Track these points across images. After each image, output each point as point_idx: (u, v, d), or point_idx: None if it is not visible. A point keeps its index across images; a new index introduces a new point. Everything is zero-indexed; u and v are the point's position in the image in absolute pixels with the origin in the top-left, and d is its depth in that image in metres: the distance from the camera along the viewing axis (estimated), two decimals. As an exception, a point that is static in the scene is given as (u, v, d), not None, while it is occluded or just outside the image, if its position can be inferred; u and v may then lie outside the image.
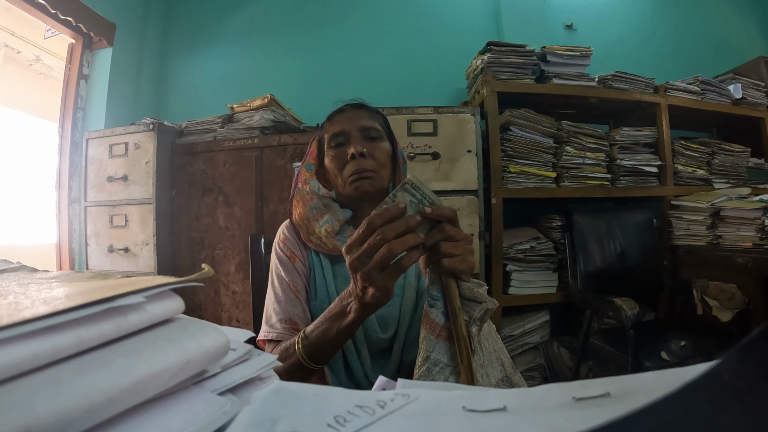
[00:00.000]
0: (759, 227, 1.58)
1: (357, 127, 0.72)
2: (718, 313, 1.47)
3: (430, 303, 0.53)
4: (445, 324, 0.52)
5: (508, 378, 0.56)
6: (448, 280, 0.51)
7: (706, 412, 0.13)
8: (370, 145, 0.71)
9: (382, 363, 0.71)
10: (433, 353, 0.52)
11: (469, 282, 0.51)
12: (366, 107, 0.78)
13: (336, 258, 0.72)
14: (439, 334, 0.52)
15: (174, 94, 2.50)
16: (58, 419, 0.17)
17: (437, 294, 0.53)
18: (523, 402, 0.21)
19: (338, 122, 0.74)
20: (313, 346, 0.59)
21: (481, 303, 0.51)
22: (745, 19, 2.69)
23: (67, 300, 0.21)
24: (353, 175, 0.69)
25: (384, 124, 0.77)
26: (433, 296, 0.53)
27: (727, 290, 1.47)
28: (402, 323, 0.71)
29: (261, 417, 0.20)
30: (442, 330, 0.52)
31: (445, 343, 0.52)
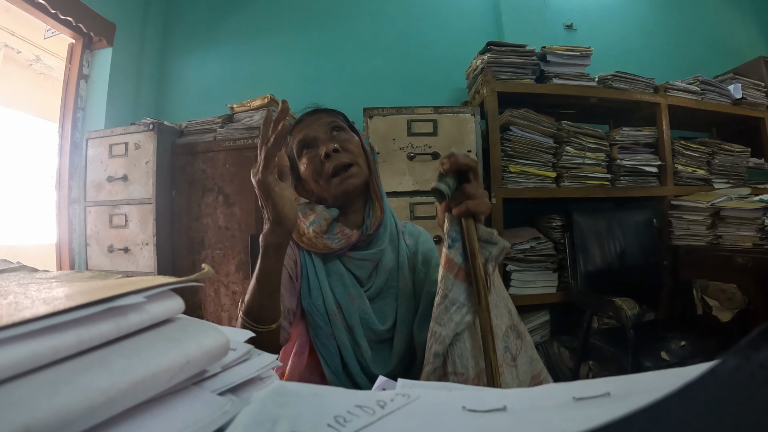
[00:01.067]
0: (759, 227, 1.58)
1: (322, 126, 0.73)
2: (718, 313, 1.47)
3: (449, 245, 0.57)
4: (462, 265, 0.56)
5: (515, 326, 0.60)
6: (468, 222, 0.56)
7: (706, 412, 0.13)
8: (340, 140, 0.72)
9: (383, 354, 0.71)
10: (451, 292, 0.55)
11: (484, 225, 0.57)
12: (322, 109, 0.78)
13: (327, 257, 0.72)
14: (457, 274, 0.56)
15: (174, 94, 2.50)
16: (58, 419, 0.17)
17: (456, 236, 0.57)
18: (523, 402, 0.21)
19: (300, 130, 0.75)
20: (247, 303, 0.61)
21: (497, 244, 0.56)
22: (745, 19, 2.69)
23: (67, 300, 0.21)
24: (336, 174, 0.70)
25: (344, 120, 0.78)
26: (453, 238, 0.57)
27: (727, 290, 1.47)
28: (400, 314, 0.72)
29: (261, 417, 0.20)
30: (460, 270, 0.56)
31: (463, 283, 0.56)
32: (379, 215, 0.73)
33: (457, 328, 0.54)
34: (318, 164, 0.71)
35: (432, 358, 0.55)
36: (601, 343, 1.53)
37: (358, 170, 0.71)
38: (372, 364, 0.70)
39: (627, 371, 1.18)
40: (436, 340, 0.55)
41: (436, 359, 0.54)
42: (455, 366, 0.54)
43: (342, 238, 0.71)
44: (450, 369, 0.55)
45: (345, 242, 0.70)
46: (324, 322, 0.70)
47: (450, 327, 0.54)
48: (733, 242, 1.65)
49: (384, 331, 0.71)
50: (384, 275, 0.73)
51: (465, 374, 0.54)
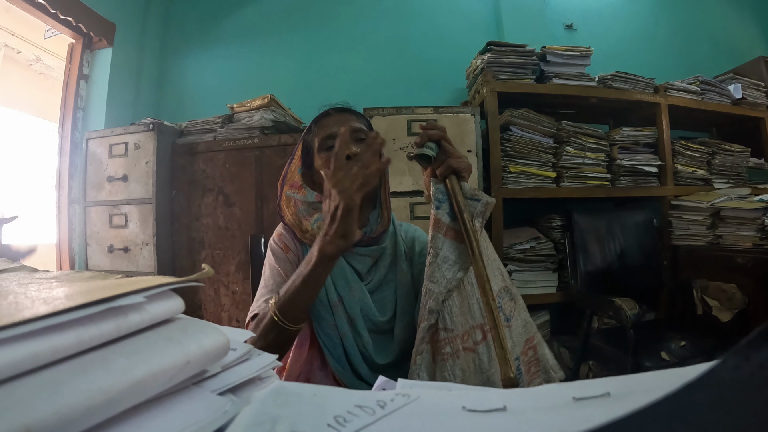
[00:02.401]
0: (759, 227, 1.58)
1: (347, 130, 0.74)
2: (718, 313, 1.47)
3: (436, 206, 0.60)
4: (450, 224, 0.59)
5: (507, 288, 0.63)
6: (452, 181, 0.60)
7: (706, 412, 0.13)
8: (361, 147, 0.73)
9: (383, 344, 0.74)
10: (441, 250, 0.58)
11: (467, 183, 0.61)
12: (351, 110, 0.80)
13: None
14: (446, 233, 0.59)
15: (174, 94, 2.50)
16: (58, 419, 0.17)
17: (442, 197, 0.60)
18: (523, 402, 0.21)
19: (327, 126, 0.77)
20: (284, 301, 0.62)
21: (481, 200, 0.60)
22: (745, 19, 2.69)
23: (67, 300, 0.21)
24: None
25: (368, 126, 0.80)
26: (439, 199, 0.60)
27: (727, 290, 1.47)
28: (399, 305, 0.75)
29: (261, 417, 0.20)
30: (449, 230, 0.59)
31: (453, 241, 0.59)
32: (385, 223, 0.76)
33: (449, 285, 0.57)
34: None
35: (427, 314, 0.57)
36: (601, 343, 1.53)
37: None
38: (374, 354, 0.72)
39: (627, 371, 1.19)
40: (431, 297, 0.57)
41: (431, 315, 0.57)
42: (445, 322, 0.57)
43: None
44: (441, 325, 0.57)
45: None
46: (327, 313, 0.72)
47: (443, 284, 0.57)
48: (733, 242, 1.65)
49: (384, 323, 0.74)
50: (383, 269, 0.76)
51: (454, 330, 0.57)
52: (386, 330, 0.75)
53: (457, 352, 0.57)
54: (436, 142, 0.62)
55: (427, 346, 0.58)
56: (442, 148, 0.61)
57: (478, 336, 0.58)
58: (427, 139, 0.61)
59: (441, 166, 0.61)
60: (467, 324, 0.57)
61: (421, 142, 0.61)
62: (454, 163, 0.60)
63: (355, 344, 0.72)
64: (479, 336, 0.58)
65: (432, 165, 0.62)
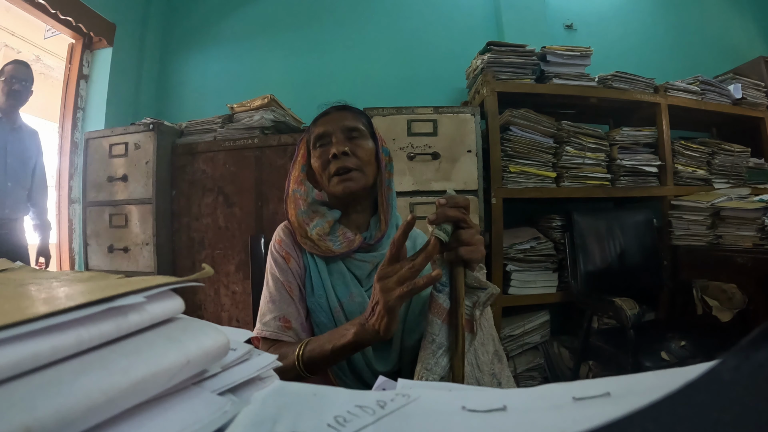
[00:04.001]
0: (759, 227, 1.58)
1: (340, 128, 0.75)
2: (718, 313, 1.47)
3: (438, 288, 0.57)
4: (449, 309, 0.56)
5: (497, 351, 0.62)
6: (457, 269, 0.56)
7: (706, 412, 0.13)
8: (353, 144, 0.74)
9: (383, 352, 0.73)
10: (438, 337, 0.56)
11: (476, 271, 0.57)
12: (349, 108, 0.80)
13: (330, 258, 0.74)
14: (444, 319, 0.56)
15: (174, 94, 2.50)
16: (58, 419, 0.17)
17: (445, 280, 0.57)
18: (523, 402, 0.21)
19: (322, 124, 0.77)
20: (310, 357, 0.62)
21: (486, 290, 0.56)
22: (745, 19, 2.69)
23: (67, 300, 0.21)
24: (337, 174, 0.72)
25: (367, 124, 0.79)
26: (442, 283, 0.57)
27: (727, 290, 1.47)
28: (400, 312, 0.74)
29: (261, 417, 0.20)
30: (447, 315, 0.56)
31: (450, 327, 0.56)
32: (383, 228, 0.75)
33: (443, 372, 0.55)
34: (325, 161, 0.73)
35: None
36: (601, 343, 1.53)
37: (358, 176, 0.73)
38: (373, 361, 0.72)
39: (627, 371, 1.18)
40: None
41: None
42: None
43: (344, 242, 0.73)
44: None
45: (346, 247, 0.73)
46: (328, 319, 0.72)
47: (436, 372, 0.55)
48: (733, 242, 1.65)
49: None
50: None
51: None
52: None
53: None
54: (455, 223, 0.55)
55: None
56: (456, 233, 0.55)
57: None
58: (444, 218, 0.54)
59: (450, 253, 0.55)
60: None
61: (437, 221, 0.54)
62: (465, 254, 0.54)
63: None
64: None
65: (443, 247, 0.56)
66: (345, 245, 0.72)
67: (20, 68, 1.82)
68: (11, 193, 1.83)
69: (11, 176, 1.82)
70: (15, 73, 1.80)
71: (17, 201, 1.86)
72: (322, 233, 0.72)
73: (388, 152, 0.80)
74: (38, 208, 1.97)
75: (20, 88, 1.80)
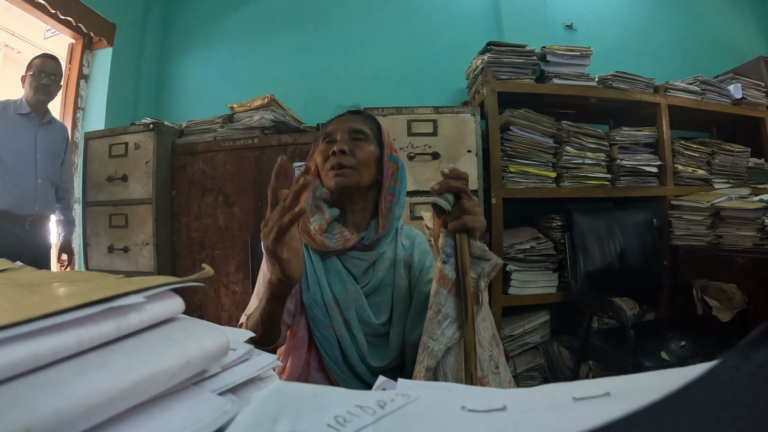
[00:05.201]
0: (759, 227, 1.58)
1: (346, 129, 0.78)
2: (718, 313, 1.47)
3: (443, 260, 0.58)
4: (455, 280, 0.57)
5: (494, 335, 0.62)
6: (461, 239, 0.57)
7: (707, 412, 0.13)
8: (354, 145, 0.76)
9: (379, 348, 0.74)
10: (444, 307, 0.56)
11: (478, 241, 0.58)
12: (361, 113, 0.84)
13: (325, 254, 0.75)
14: (450, 289, 0.57)
15: (174, 94, 2.50)
16: (58, 419, 0.17)
17: (450, 251, 0.58)
18: (523, 402, 0.21)
19: (332, 124, 0.81)
20: (251, 327, 0.65)
21: (489, 260, 0.58)
22: (745, 19, 2.69)
23: (67, 300, 0.21)
24: (332, 169, 0.75)
25: (375, 130, 0.82)
26: (447, 254, 0.58)
27: (727, 290, 1.47)
28: (396, 310, 0.76)
29: (261, 417, 0.20)
30: (453, 285, 0.57)
31: (456, 298, 0.57)
32: (380, 232, 0.76)
33: (449, 343, 0.55)
34: (326, 156, 0.77)
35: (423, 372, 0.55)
36: (601, 343, 1.53)
37: (351, 173, 0.74)
38: (369, 357, 0.72)
39: (627, 371, 1.18)
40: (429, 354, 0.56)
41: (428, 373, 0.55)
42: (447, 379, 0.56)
43: (340, 240, 0.74)
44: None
45: (342, 244, 0.74)
46: (323, 315, 0.73)
47: (442, 341, 0.55)
48: (733, 242, 1.65)
49: (379, 326, 0.74)
50: (381, 273, 0.77)
51: None
52: (382, 333, 0.75)
53: None
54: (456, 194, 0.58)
55: None
56: (459, 203, 0.57)
57: None
58: (447, 188, 0.57)
59: (454, 222, 0.57)
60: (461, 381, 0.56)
61: (440, 191, 0.57)
62: (469, 221, 0.57)
63: (352, 345, 0.72)
64: None
65: (446, 217, 0.58)
66: (341, 243, 0.74)
67: (49, 62, 1.77)
68: (41, 190, 1.77)
69: (41, 172, 1.76)
70: (43, 67, 1.74)
71: (47, 198, 1.81)
72: (319, 228, 0.74)
73: (397, 161, 0.81)
74: (64, 203, 1.93)
75: (49, 83, 1.75)
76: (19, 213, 1.70)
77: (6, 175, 1.67)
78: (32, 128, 1.76)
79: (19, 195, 1.69)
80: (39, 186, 1.75)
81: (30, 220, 1.73)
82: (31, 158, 1.74)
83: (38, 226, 1.79)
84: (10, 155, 1.68)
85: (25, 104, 1.75)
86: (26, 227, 1.73)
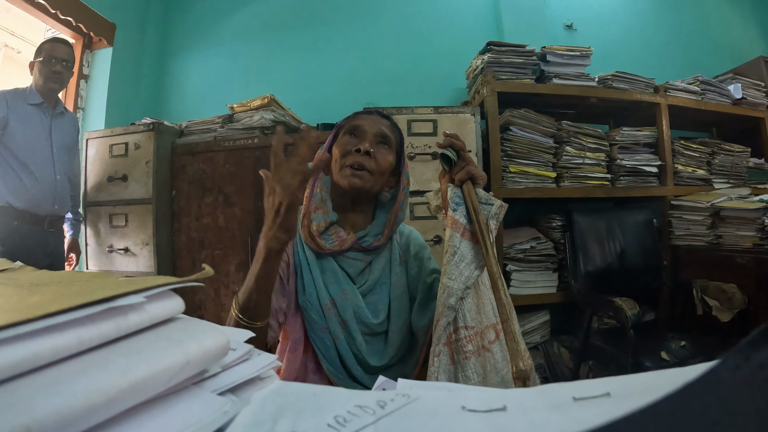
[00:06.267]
0: (759, 227, 1.58)
1: (375, 131, 0.76)
2: (718, 313, 1.47)
3: (453, 208, 0.65)
4: (467, 225, 0.64)
5: None
6: (468, 186, 0.66)
7: (706, 412, 0.13)
8: (378, 150, 0.75)
9: (377, 347, 0.74)
10: (459, 249, 0.62)
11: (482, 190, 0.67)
12: (390, 120, 0.81)
13: (321, 254, 0.75)
14: (463, 233, 0.63)
15: (174, 94, 2.50)
16: (58, 419, 0.17)
17: (459, 200, 0.66)
18: (523, 402, 0.21)
19: (362, 119, 0.78)
20: (243, 301, 0.63)
21: (494, 204, 0.65)
22: (745, 19, 2.69)
23: (67, 300, 0.21)
24: (350, 166, 0.73)
25: (398, 141, 0.81)
26: (456, 202, 0.66)
27: (727, 290, 1.47)
28: (393, 308, 0.76)
29: (261, 417, 0.20)
30: (465, 230, 0.63)
31: (469, 242, 0.63)
32: (382, 241, 0.77)
33: (467, 282, 0.59)
34: (348, 151, 0.75)
35: (446, 310, 0.59)
36: (601, 343, 1.53)
37: (368, 177, 0.73)
38: (367, 356, 0.72)
39: (627, 371, 1.18)
40: (449, 293, 0.59)
41: (450, 312, 0.59)
42: (465, 320, 0.60)
43: (336, 241, 0.74)
44: (461, 324, 0.59)
45: (338, 246, 0.74)
46: (318, 316, 0.72)
47: (461, 280, 0.59)
48: (733, 242, 1.65)
49: (377, 325, 0.74)
50: (377, 272, 0.77)
51: (475, 327, 0.59)
52: (380, 332, 0.75)
53: (479, 350, 0.59)
54: (456, 151, 0.68)
55: (444, 348, 0.59)
56: (461, 156, 0.68)
57: (492, 336, 0.61)
58: (450, 144, 0.68)
59: (460, 171, 0.67)
60: (482, 323, 0.60)
61: (445, 144, 0.68)
62: (473, 169, 0.67)
63: (348, 347, 0.72)
64: (492, 336, 0.61)
65: (451, 171, 0.68)
66: (337, 244, 0.73)
67: (60, 47, 1.60)
68: (60, 187, 1.64)
69: (59, 168, 1.63)
70: (55, 53, 1.57)
71: (65, 195, 1.69)
72: (316, 230, 0.74)
73: (408, 176, 0.81)
74: (74, 200, 1.82)
75: (61, 69, 1.58)
76: (38, 213, 1.57)
77: (24, 172, 1.53)
78: (46, 120, 1.62)
79: (39, 193, 1.56)
80: (58, 183, 1.63)
81: (49, 221, 1.62)
82: (47, 153, 1.60)
83: (57, 227, 1.69)
84: (26, 150, 1.53)
85: (36, 93, 1.59)
86: (46, 228, 1.61)
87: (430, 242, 1.61)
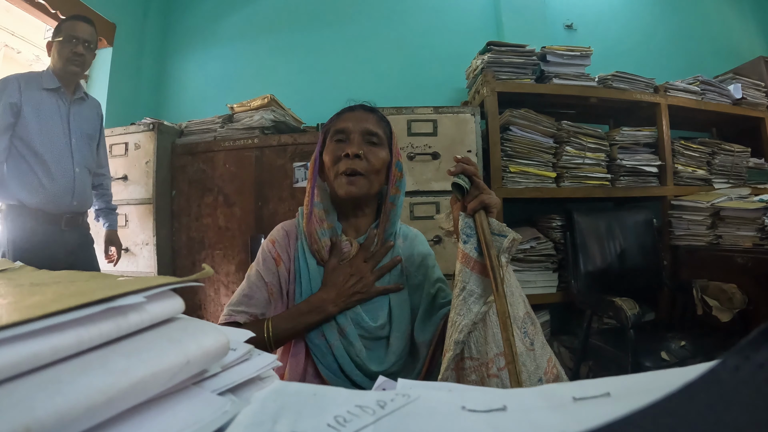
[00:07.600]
0: (759, 227, 1.58)
1: (360, 129, 0.74)
2: (718, 313, 1.47)
3: (464, 240, 0.62)
4: (477, 258, 0.61)
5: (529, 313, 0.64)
6: (480, 217, 0.62)
7: (706, 412, 0.13)
8: (368, 149, 0.73)
9: (378, 352, 0.74)
10: (468, 284, 0.60)
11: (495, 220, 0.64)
12: (376, 112, 0.79)
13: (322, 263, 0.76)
14: (473, 267, 0.60)
15: (174, 94, 2.50)
16: (58, 419, 0.17)
17: (471, 232, 0.63)
18: (523, 402, 0.21)
19: (345, 119, 0.76)
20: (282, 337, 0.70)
21: (507, 236, 0.62)
22: (745, 19, 2.69)
23: (67, 300, 0.21)
24: (343, 174, 0.72)
25: (388, 134, 0.78)
26: (467, 234, 0.63)
27: (727, 290, 1.47)
28: (394, 314, 0.75)
29: (261, 417, 0.20)
30: (476, 264, 0.61)
31: (479, 276, 0.60)
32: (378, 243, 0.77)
33: (475, 318, 0.58)
34: (337, 157, 0.73)
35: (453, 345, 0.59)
36: (601, 343, 1.53)
37: (363, 182, 0.72)
38: (367, 362, 0.71)
39: (627, 371, 1.18)
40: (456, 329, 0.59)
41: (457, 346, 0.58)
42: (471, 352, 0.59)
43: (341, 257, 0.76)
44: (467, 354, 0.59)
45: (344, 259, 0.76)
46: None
47: (469, 317, 0.58)
48: (733, 242, 1.65)
49: (376, 329, 0.73)
50: None
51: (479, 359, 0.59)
52: (380, 337, 0.74)
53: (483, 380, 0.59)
54: (469, 177, 0.64)
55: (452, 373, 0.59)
56: (474, 183, 0.63)
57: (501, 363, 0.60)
58: (462, 170, 0.63)
59: (473, 201, 0.62)
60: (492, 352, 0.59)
61: (456, 172, 0.63)
62: (486, 198, 0.62)
63: (346, 354, 0.71)
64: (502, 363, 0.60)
65: (464, 199, 0.64)
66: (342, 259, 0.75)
67: (83, 26, 1.43)
68: (79, 181, 1.47)
69: (78, 160, 1.47)
70: (76, 32, 1.40)
71: (85, 190, 1.52)
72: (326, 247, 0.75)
73: (401, 168, 0.79)
74: (102, 190, 1.66)
75: (83, 51, 1.42)
76: (54, 211, 1.42)
77: (38, 165, 1.37)
78: (63, 106, 1.46)
79: (55, 189, 1.40)
80: (77, 176, 1.46)
81: (67, 219, 1.46)
82: (65, 144, 1.44)
83: (75, 224, 1.51)
84: (41, 141, 1.38)
85: (52, 77, 1.42)
86: (62, 227, 1.45)
87: (431, 242, 1.61)
